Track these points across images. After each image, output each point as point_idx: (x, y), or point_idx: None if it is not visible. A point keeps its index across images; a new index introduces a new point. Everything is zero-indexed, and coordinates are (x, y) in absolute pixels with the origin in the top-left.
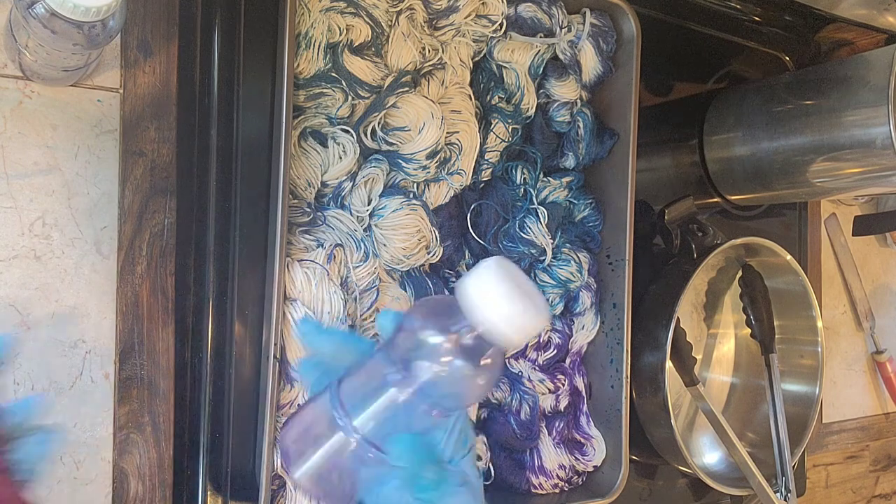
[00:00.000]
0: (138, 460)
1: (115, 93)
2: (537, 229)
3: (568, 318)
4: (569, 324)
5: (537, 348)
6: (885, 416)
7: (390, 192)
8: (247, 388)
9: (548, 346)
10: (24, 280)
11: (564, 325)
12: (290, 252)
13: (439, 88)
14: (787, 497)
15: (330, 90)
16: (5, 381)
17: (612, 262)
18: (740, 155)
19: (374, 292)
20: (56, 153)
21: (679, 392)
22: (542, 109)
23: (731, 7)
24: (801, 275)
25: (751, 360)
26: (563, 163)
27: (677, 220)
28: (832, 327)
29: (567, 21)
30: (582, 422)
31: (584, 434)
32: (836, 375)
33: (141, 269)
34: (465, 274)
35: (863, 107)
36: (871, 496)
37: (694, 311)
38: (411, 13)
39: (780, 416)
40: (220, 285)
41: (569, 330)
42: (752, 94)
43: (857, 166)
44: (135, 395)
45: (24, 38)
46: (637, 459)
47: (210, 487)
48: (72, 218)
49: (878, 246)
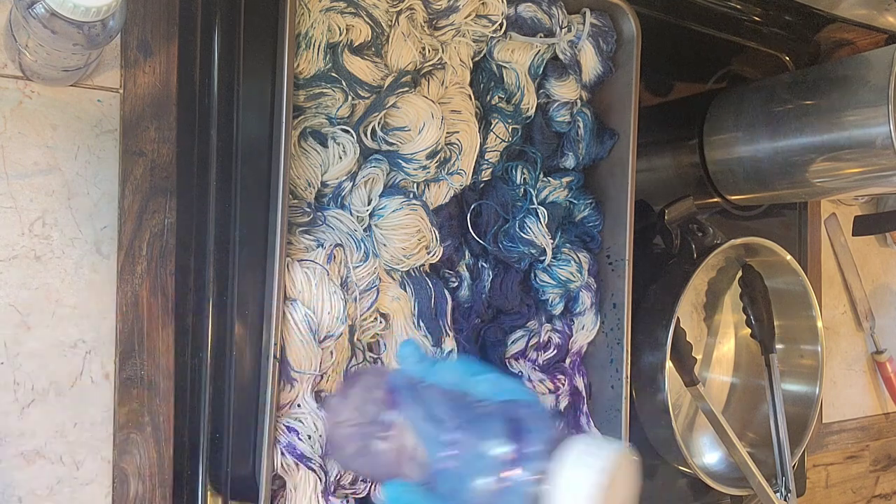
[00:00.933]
0: (138, 460)
1: (115, 93)
2: (537, 229)
3: (568, 318)
4: (569, 324)
5: (537, 348)
6: (885, 416)
7: (390, 192)
8: (247, 388)
9: (548, 346)
10: (24, 280)
11: (564, 325)
12: (290, 252)
13: (439, 88)
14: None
15: (330, 90)
16: (5, 381)
17: (612, 262)
18: (740, 155)
19: (374, 292)
20: (56, 153)
21: (679, 392)
22: (542, 109)
23: (731, 7)
24: (801, 275)
25: (751, 360)
26: (563, 163)
27: (677, 220)
28: (832, 327)
29: (567, 21)
30: (582, 422)
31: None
32: (836, 375)
33: (141, 269)
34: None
35: (863, 107)
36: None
37: (694, 311)
38: (411, 13)
39: (780, 416)
40: (220, 285)
41: (569, 330)
42: (752, 94)
43: (857, 166)
44: (135, 395)
45: (24, 38)
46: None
47: (210, 487)
48: (72, 218)
49: (878, 246)
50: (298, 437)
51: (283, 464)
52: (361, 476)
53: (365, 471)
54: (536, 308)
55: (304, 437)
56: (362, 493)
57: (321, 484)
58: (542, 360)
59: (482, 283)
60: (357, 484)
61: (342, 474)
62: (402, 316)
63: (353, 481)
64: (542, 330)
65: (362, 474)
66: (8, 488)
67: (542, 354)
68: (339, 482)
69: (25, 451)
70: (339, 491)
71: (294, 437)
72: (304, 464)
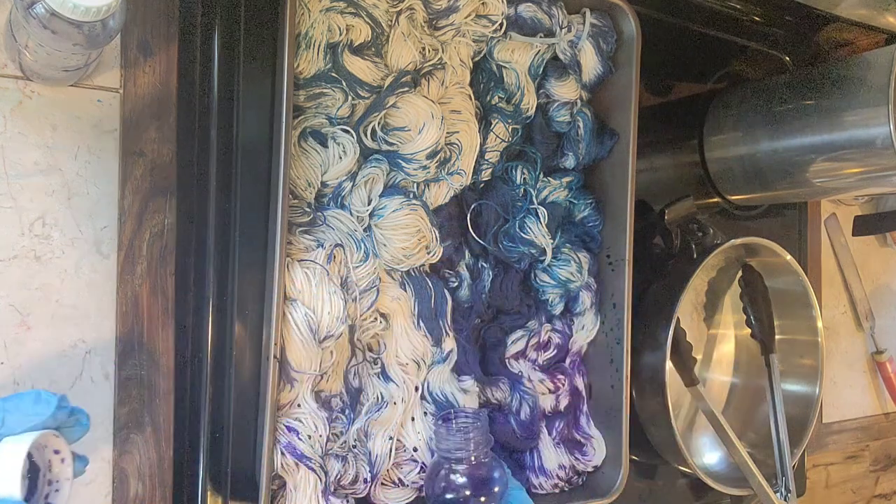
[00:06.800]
0: (138, 460)
1: (115, 93)
2: (537, 229)
3: (568, 318)
4: (569, 324)
5: (537, 348)
6: (885, 416)
7: (390, 192)
8: (247, 388)
9: (548, 346)
10: (24, 280)
11: (564, 325)
12: (290, 252)
13: (439, 88)
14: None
15: (330, 90)
16: (5, 381)
17: (612, 262)
18: (740, 155)
19: (374, 292)
20: (56, 153)
21: (679, 392)
22: (542, 109)
23: (731, 7)
24: (801, 275)
25: (751, 360)
26: (563, 163)
27: (677, 220)
28: (832, 327)
29: (567, 21)
30: (582, 422)
31: (584, 434)
32: (836, 375)
33: (141, 269)
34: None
35: (863, 107)
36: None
37: (694, 311)
38: (411, 13)
39: (780, 416)
40: (220, 285)
41: (569, 330)
42: (752, 94)
43: (857, 166)
44: (135, 395)
45: (24, 38)
46: (637, 459)
47: (210, 487)
48: (72, 218)
49: (878, 246)
50: (298, 437)
51: (283, 463)
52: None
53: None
54: (536, 308)
55: (304, 436)
56: (362, 493)
57: (321, 484)
58: (542, 360)
59: (482, 283)
60: (357, 484)
61: (342, 474)
62: (402, 316)
63: (353, 481)
64: (542, 330)
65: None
66: None
67: (542, 354)
68: (339, 482)
69: None
70: (339, 491)
71: (294, 437)
72: (304, 463)
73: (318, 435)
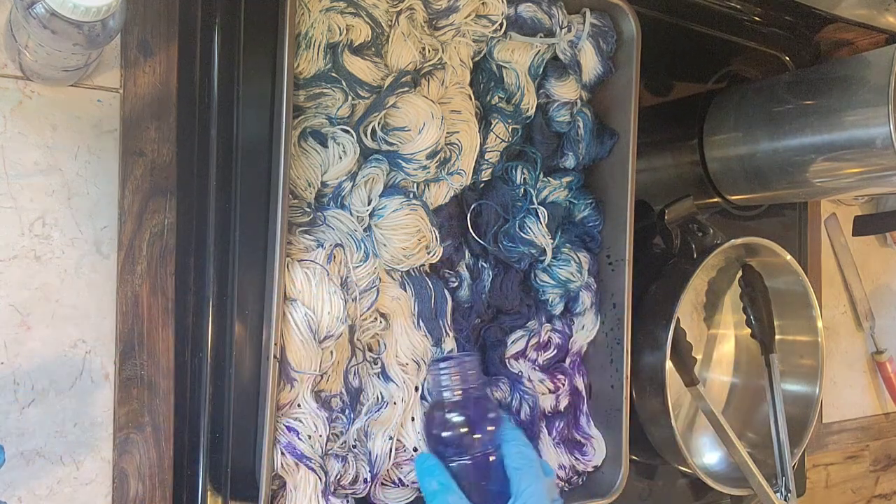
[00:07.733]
0: (138, 460)
1: (115, 93)
2: (537, 229)
3: (568, 318)
4: (569, 324)
5: (537, 348)
6: (885, 416)
7: (390, 192)
8: (247, 388)
9: (548, 346)
10: (24, 280)
11: (564, 325)
12: (290, 252)
13: (439, 88)
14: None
15: (330, 90)
16: (5, 381)
17: (612, 262)
18: (740, 155)
19: (374, 292)
20: (56, 153)
21: (679, 392)
22: (542, 109)
23: (731, 7)
24: (801, 275)
25: (751, 360)
26: (563, 163)
27: (677, 220)
28: (832, 327)
29: (567, 21)
30: (582, 422)
31: (584, 434)
32: (836, 375)
33: (141, 269)
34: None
35: (863, 107)
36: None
37: (694, 311)
38: (411, 13)
39: (780, 416)
40: (220, 285)
41: (569, 330)
42: (752, 94)
43: (857, 166)
44: (135, 395)
45: (24, 38)
46: (637, 459)
47: (210, 487)
48: (72, 218)
49: (878, 246)
50: (298, 437)
51: (283, 463)
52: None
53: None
54: (536, 308)
55: (304, 436)
56: (362, 492)
57: (321, 484)
58: (542, 360)
59: (482, 283)
60: (357, 484)
61: (342, 474)
62: (402, 316)
63: (353, 481)
64: (542, 330)
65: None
66: (8, 488)
67: (542, 354)
68: (339, 482)
69: (25, 451)
70: (339, 491)
71: (294, 437)
72: (304, 463)
73: (318, 435)
